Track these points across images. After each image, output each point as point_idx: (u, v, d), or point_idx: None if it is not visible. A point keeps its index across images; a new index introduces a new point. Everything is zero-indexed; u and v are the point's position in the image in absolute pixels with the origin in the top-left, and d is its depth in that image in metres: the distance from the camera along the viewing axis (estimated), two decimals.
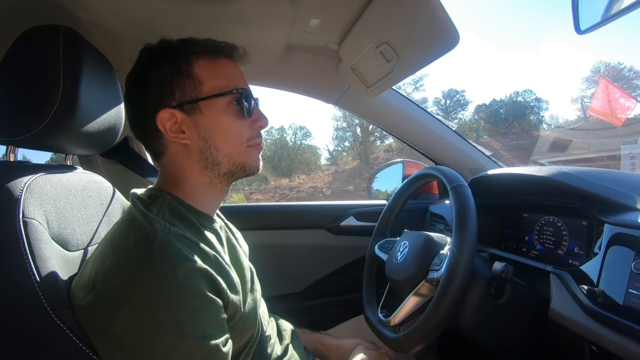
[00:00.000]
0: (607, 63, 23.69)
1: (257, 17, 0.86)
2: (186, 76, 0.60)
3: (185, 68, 0.61)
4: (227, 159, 0.63)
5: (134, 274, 0.48)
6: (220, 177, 0.64)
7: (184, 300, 0.48)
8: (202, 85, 0.61)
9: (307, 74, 1.16)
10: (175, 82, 0.60)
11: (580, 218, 0.83)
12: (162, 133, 0.61)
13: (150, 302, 0.47)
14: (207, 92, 0.61)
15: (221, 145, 0.62)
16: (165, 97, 0.60)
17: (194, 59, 0.61)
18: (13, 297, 0.48)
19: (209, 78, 0.61)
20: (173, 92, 0.60)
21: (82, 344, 0.48)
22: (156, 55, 0.62)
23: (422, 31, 0.73)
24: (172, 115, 0.60)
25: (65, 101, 0.60)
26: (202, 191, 0.64)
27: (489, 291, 0.75)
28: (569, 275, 0.74)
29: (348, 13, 0.82)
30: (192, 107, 0.60)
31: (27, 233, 0.50)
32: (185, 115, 0.60)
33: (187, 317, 0.48)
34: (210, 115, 0.61)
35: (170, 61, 0.61)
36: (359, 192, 17.64)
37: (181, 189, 0.63)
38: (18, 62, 0.62)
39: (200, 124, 0.61)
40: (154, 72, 0.61)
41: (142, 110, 0.62)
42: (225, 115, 0.62)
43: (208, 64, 0.62)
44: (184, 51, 0.62)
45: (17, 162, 0.63)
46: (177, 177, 0.63)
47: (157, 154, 0.64)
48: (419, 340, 0.70)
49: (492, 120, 24.47)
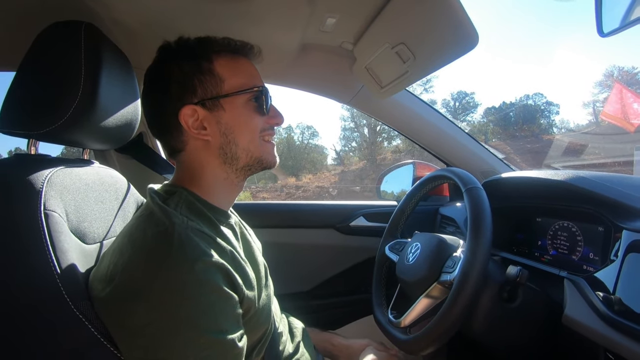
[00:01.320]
0: (620, 67, 23.33)
1: (273, 16, 0.86)
2: (207, 73, 0.61)
3: (207, 66, 0.62)
4: (245, 152, 0.64)
5: (151, 268, 0.49)
6: (237, 172, 0.66)
7: (201, 295, 0.48)
8: (223, 82, 0.62)
9: (321, 74, 1.16)
10: (197, 79, 0.61)
11: (596, 223, 0.82)
12: (183, 130, 0.61)
13: (168, 295, 0.47)
14: (229, 90, 0.62)
15: (240, 140, 0.63)
16: (187, 94, 0.61)
17: (214, 57, 0.62)
18: (33, 287, 0.49)
19: (230, 76, 0.63)
20: (195, 89, 0.61)
21: (101, 335, 0.49)
22: (176, 53, 0.63)
23: (441, 32, 0.73)
24: (193, 112, 0.61)
25: (86, 96, 0.61)
26: (219, 187, 0.65)
27: (501, 295, 0.74)
28: (584, 282, 0.72)
29: (365, 12, 0.82)
30: (214, 103, 0.62)
31: (48, 225, 0.51)
32: (207, 112, 0.62)
33: (204, 311, 0.48)
34: (231, 111, 0.63)
35: (192, 59, 0.62)
36: (366, 192, 17.60)
37: (198, 185, 0.64)
38: (40, 58, 0.63)
39: (222, 120, 0.62)
40: (175, 69, 0.61)
41: (162, 107, 0.62)
42: (246, 111, 0.64)
43: (228, 62, 0.64)
44: (204, 49, 0.63)
45: (38, 155, 0.64)
46: (194, 173, 0.64)
47: (176, 151, 0.65)
48: (431, 342, 0.70)
49: (502, 123, 24.24)
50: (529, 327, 0.76)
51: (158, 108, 0.64)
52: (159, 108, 0.63)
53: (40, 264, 0.49)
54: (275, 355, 0.71)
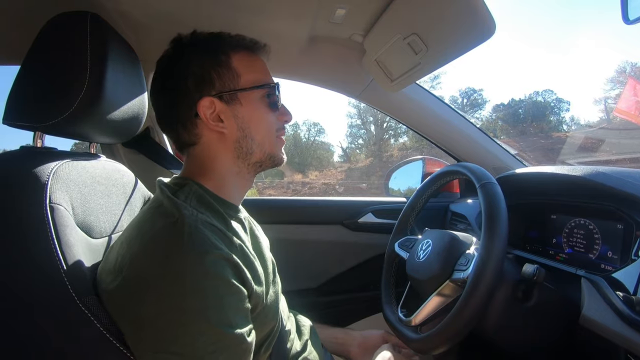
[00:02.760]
0: (633, 63, 22.76)
1: (282, 7, 0.84)
2: (225, 67, 0.62)
3: (225, 60, 0.62)
4: (260, 148, 0.65)
5: (161, 260, 0.48)
6: (249, 167, 0.66)
7: (210, 288, 0.48)
8: (240, 77, 0.63)
9: (330, 67, 1.14)
10: (214, 72, 0.62)
11: (616, 221, 0.79)
12: (198, 122, 0.62)
13: (178, 288, 0.47)
14: (245, 84, 0.63)
15: (256, 135, 0.64)
16: (206, 86, 0.61)
17: (231, 53, 0.63)
18: (39, 282, 0.48)
19: (246, 71, 0.64)
20: (213, 82, 0.62)
21: (107, 331, 0.48)
22: (193, 47, 0.63)
23: (456, 20, 0.70)
24: (211, 104, 0.61)
25: (92, 88, 0.60)
26: (230, 181, 0.65)
27: (515, 294, 0.72)
28: (603, 281, 0.70)
29: (376, 2, 0.80)
30: (232, 97, 0.62)
31: (54, 218, 0.50)
32: (225, 105, 0.62)
33: (214, 304, 0.48)
34: (248, 106, 0.63)
35: (210, 53, 0.62)
36: (372, 189, 17.53)
37: (209, 178, 0.63)
38: (46, 49, 0.62)
39: (239, 114, 0.63)
40: (192, 62, 0.62)
41: (178, 100, 0.62)
42: (261, 107, 0.65)
43: (245, 58, 0.65)
44: (221, 44, 0.64)
45: (44, 148, 0.64)
46: (206, 166, 0.64)
47: (188, 144, 0.64)
48: (443, 342, 0.68)
49: (511, 120, 23.91)
50: (545, 327, 0.74)
51: (173, 100, 0.63)
52: (174, 100, 0.63)
53: (46, 258, 0.48)
54: (283, 353, 0.70)
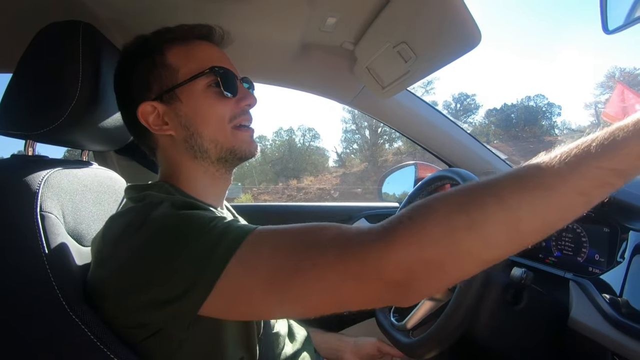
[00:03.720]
0: (622, 68, 23.24)
1: (273, 16, 0.86)
2: (161, 67, 0.59)
3: (160, 58, 0.59)
4: (213, 144, 0.60)
5: (131, 222, 0.48)
6: (214, 165, 0.62)
7: (192, 214, 0.48)
8: (178, 72, 0.59)
9: (321, 74, 1.15)
10: (151, 74, 0.59)
11: (602, 224, 0.80)
12: (146, 130, 0.60)
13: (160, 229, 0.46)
14: (183, 78, 0.59)
15: (203, 130, 0.59)
16: (144, 92, 0.60)
17: (166, 48, 0.60)
18: (29, 290, 0.48)
19: (184, 64, 0.59)
20: (150, 85, 0.59)
21: (98, 340, 0.48)
22: (133, 52, 0.61)
23: (443, 29, 0.72)
24: (153, 108, 0.59)
25: (84, 97, 0.60)
26: (201, 181, 0.62)
27: (505, 297, 0.73)
28: (590, 284, 0.71)
29: (366, 11, 0.81)
30: (171, 96, 0.59)
31: (44, 227, 0.50)
32: (166, 106, 0.59)
33: (201, 216, 0.47)
34: (188, 101, 0.59)
35: (146, 55, 0.60)
36: (367, 194, 17.58)
37: (181, 181, 0.61)
38: (38, 58, 0.62)
39: (180, 112, 0.59)
40: (132, 69, 0.60)
41: (127, 110, 0.62)
42: (205, 99, 0.60)
43: (181, 50, 0.60)
44: (156, 42, 0.60)
45: (35, 157, 0.64)
46: (173, 169, 0.62)
47: (152, 150, 0.65)
48: (434, 346, 0.69)
49: (503, 124, 24.21)
50: (534, 330, 0.75)
51: (124, 111, 0.63)
52: (124, 111, 0.63)
53: (36, 267, 0.48)
54: (272, 357, 0.69)
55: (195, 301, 0.43)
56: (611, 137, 0.36)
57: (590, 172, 0.36)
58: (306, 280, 0.41)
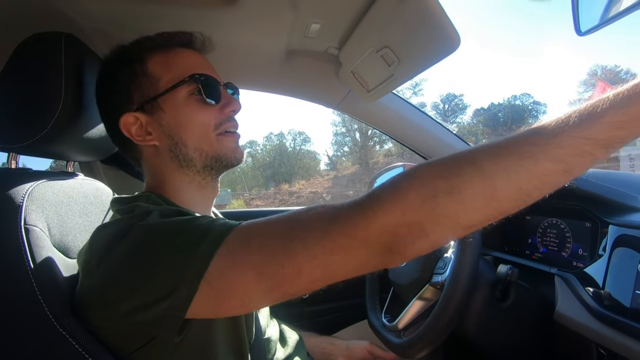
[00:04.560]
0: (604, 66, 23.83)
1: (257, 23, 0.86)
2: (142, 76, 0.59)
3: (140, 68, 0.59)
4: (198, 152, 0.60)
5: (117, 232, 0.48)
6: (200, 174, 0.62)
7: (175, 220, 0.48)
8: (159, 81, 0.59)
9: (307, 79, 1.16)
10: (132, 84, 0.59)
11: (584, 220, 0.83)
12: (130, 141, 0.60)
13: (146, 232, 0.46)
14: (164, 87, 0.58)
15: (187, 139, 0.59)
16: (125, 102, 0.59)
17: (147, 57, 0.59)
18: (14, 304, 0.47)
19: (165, 73, 0.59)
20: (131, 96, 0.59)
21: (86, 352, 0.47)
22: (113, 62, 0.61)
23: (423, 35, 0.73)
24: (135, 119, 0.59)
25: (67, 108, 0.60)
26: (187, 191, 0.62)
27: (493, 294, 0.74)
28: (574, 278, 0.73)
29: (348, 17, 0.82)
30: (152, 105, 0.59)
31: (29, 240, 0.49)
32: (148, 116, 0.59)
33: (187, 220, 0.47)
34: (170, 110, 0.59)
35: (126, 65, 0.59)
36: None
37: (167, 191, 0.61)
38: (20, 69, 0.62)
39: (163, 122, 0.59)
40: (112, 79, 0.60)
41: (109, 120, 0.62)
42: (187, 107, 0.59)
43: (162, 58, 0.60)
44: (136, 51, 0.60)
45: (19, 170, 0.63)
46: (159, 179, 0.62)
47: (136, 160, 0.64)
48: (425, 345, 0.69)
49: (491, 124, 24.55)
50: (523, 325, 0.77)
51: (107, 122, 0.63)
52: (107, 122, 0.62)
53: (21, 280, 0.47)
54: None
55: (183, 298, 0.43)
56: (591, 107, 0.37)
57: (567, 140, 0.36)
58: (298, 261, 0.42)
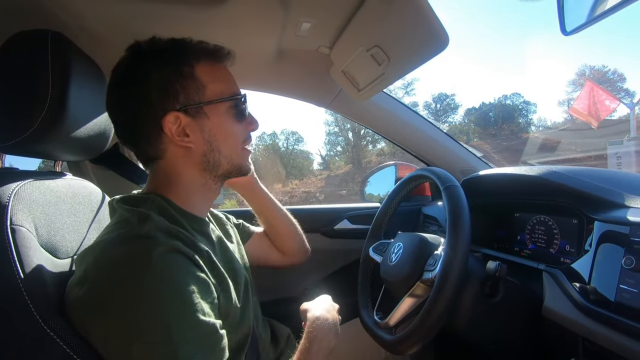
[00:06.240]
0: (592, 66, 24.19)
1: (247, 22, 0.86)
2: (189, 79, 0.60)
3: (188, 70, 0.60)
4: (227, 160, 0.64)
5: (124, 255, 0.49)
6: (216, 179, 0.66)
7: (174, 279, 0.48)
8: (205, 89, 0.61)
9: (299, 78, 1.16)
10: (179, 84, 0.59)
11: (571, 216, 0.84)
12: (161, 137, 0.59)
13: (147, 276, 0.47)
14: (211, 96, 0.61)
15: (223, 148, 0.63)
16: (170, 100, 0.59)
17: (195, 62, 0.61)
18: (1, 306, 0.47)
19: (211, 82, 0.62)
20: (177, 95, 0.59)
21: (73, 352, 0.47)
22: (152, 55, 0.59)
23: (412, 34, 0.74)
24: (176, 119, 0.59)
25: (54, 106, 0.59)
26: (196, 193, 0.64)
27: (483, 291, 0.75)
28: (561, 273, 0.74)
29: (339, 17, 0.83)
30: (197, 110, 0.60)
31: (15, 240, 0.49)
32: (190, 119, 0.60)
33: (180, 290, 0.48)
34: (215, 119, 0.62)
35: (172, 62, 0.59)
36: (352, 196, 17.65)
37: (173, 192, 0.62)
38: (5, 68, 0.61)
39: (205, 128, 0.61)
40: (154, 73, 0.58)
41: (141, 115, 0.59)
42: (228, 118, 0.63)
43: (209, 68, 0.62)
44: (184, 53, 0.61)
45: (5, 169, 0.62)
46: (171, 180, 0.63)
47: (152, 159, 0.63)
48: (415, 341, 0.70)
49: (482, 123, 24.78)
50: (512, 321, 0.77)
51: (136, 115, 0.59)
52: (137, 115, 0.59)
53: (7, 281, 0.47)
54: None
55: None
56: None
57: None
58: None
